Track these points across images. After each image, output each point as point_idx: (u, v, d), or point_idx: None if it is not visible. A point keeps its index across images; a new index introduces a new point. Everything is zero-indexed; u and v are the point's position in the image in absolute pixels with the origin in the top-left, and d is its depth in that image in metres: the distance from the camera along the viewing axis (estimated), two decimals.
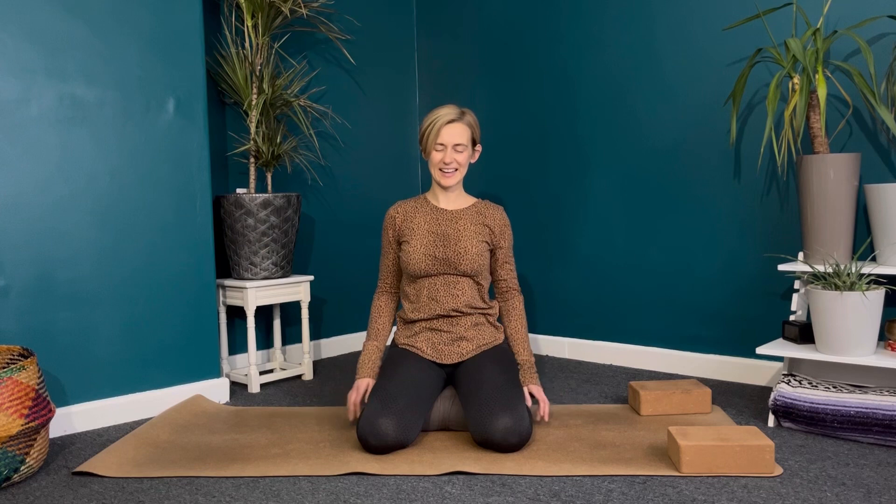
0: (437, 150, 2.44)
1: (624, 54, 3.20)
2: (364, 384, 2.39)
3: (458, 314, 2.42)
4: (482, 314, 2.46)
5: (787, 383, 2.35)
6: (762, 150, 2.73)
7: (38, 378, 2.10)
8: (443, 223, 2.44)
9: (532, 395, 2.39)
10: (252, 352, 3.01)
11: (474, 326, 2.44)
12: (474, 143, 2.50)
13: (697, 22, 2.98)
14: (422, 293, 2.43)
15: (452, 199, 2.50)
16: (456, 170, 2.43)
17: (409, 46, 4.00)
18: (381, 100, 3.85)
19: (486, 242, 2.46)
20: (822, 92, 2.33)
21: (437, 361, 2.42)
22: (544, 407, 2.35)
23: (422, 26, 3.99)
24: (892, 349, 2.32)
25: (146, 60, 2.66)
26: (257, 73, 3.06)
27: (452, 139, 2.42)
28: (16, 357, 2.24)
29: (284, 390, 3.00)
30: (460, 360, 2.41)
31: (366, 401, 2.34)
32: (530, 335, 3.60)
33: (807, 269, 2.46)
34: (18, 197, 2.40)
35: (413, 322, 2.45)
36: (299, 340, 3.53)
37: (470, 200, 2.52)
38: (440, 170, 2.43)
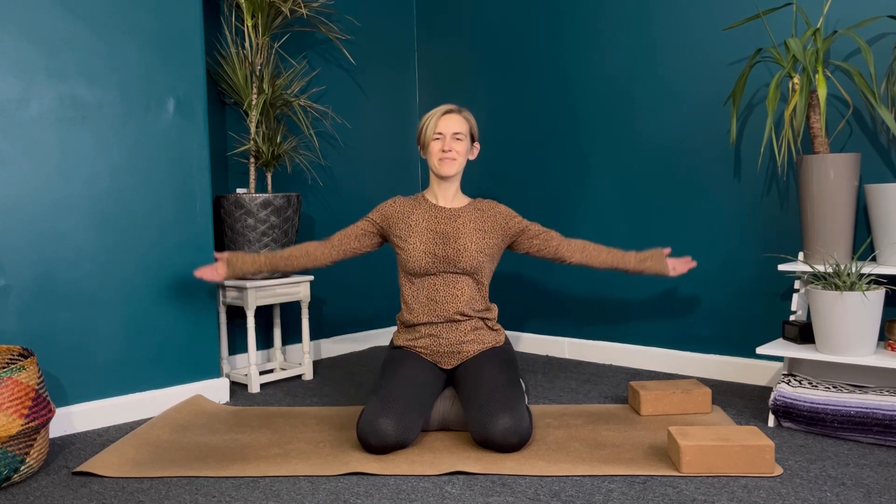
0: (435, 140, 2.43)
1: (624, 54, 3.20)
2: (211, 269, 2.52)
3: (458, 317, 2.40)
4: (481, 318, 2.45)
5: (787, 383, 2.35)
6: (762, 150, 2.73)
7: (38, 378, 2.10)
8: (442, 221, 2.44)
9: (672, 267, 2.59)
10: (252, 352, 3.01)
11: (473, 331, 2.42)
12: (472, 140, 2.50)
13: (697, 22, 2.98)
14: (420, 293, 2.42)
15: (451, 197, 2.49)
16: (454, 159, 2.42)
17: (409, 46, 4.00)
18: (381, 100, 3.86)
19: (498, 238, 2.45)
20: (822, 92, 2.33)
21: (437, 364, 2.42)
22: (687, 262, 2.60)
23: (422, 26, 3.99)
24: (892, 349, 2.32)
25: (146, 60, 2.66)
26: (257, 73, 3.06)
27: (450, 128, 2.42)
28: (16, 357, 2.24)
29: (284, 390, 3.00)
30: (460, 363, 2.41)
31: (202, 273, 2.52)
32: (529, 335, 3.60)
33: (807, 269, 2.46)
34: (19, 197, 2.40)
35: (412, 326, 2.44)
36: (299, 340, 3.53)
37: (466, 199, 2.52)
38: (439, 159, 2.43)
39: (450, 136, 2.42)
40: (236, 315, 3.28)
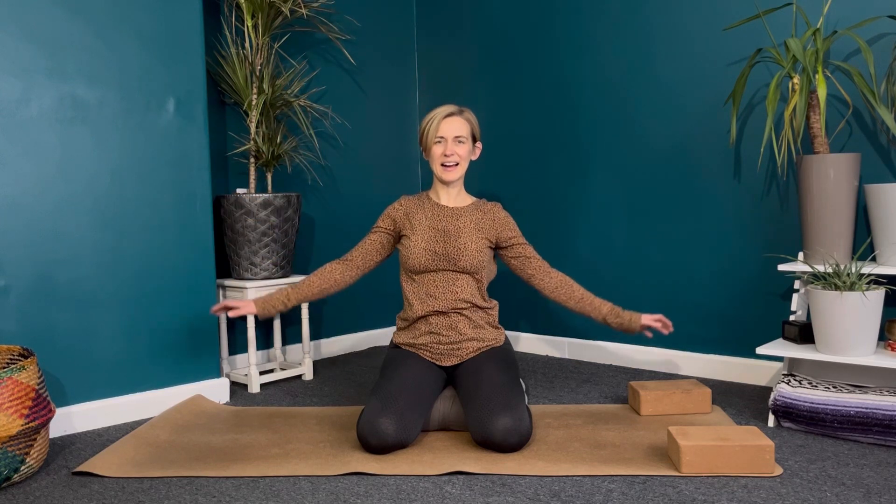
0: (437, 144, 2.44)
1: (624, 53, 3.20)
2: (244, 303, 2.41)
3: (457, 314, 2.41)
4: (482, 312, 2.46)
5: (787, 383, 2.35)
6: (762, 150, 2.73)
7: (38, 378, 2.10)
8: (443, 219, 2.44)
9: (649, 325, 2.43)
10: (252, 352, 3.01)
11: (474, 329, 2.43)
12: (474, 140, 2.51)
13: (697, 22, 2.98)
14: (420, 290, 2.43)
15: (454, 196, 2.50)
16: (457, 164, 2.43)
17: (409, 46, 4.00)
18: (381, 100, 3.86)
19: (489, 239, 2.45)
20: (822, 92, 2.33)
21: (437, 364, 2.42)
22: (666, 323, 2.42)
23: (422, 26, 3.99)
24: (892, 349, 2.32)
25: (146, 60, 2.66)
26: (257, 74, 3.06)
27: (452, 132, 2.43)
28: (16, 357, 2.24)
29: (284, 390, 3.00)
30: (460, 361, 2.41)
31: (232, 311, 2.40)
32: (529, 335, 3.60)
33: (807, 269, 2.46)
34: (19, 197, 2.40)
35: (412, 323, 2.45)
36: (299, 340, 3.53)
37: (470, 199, 2.53)
38: (441, 164, 2.43)
39: (451, 140, 2.42)
40: None
